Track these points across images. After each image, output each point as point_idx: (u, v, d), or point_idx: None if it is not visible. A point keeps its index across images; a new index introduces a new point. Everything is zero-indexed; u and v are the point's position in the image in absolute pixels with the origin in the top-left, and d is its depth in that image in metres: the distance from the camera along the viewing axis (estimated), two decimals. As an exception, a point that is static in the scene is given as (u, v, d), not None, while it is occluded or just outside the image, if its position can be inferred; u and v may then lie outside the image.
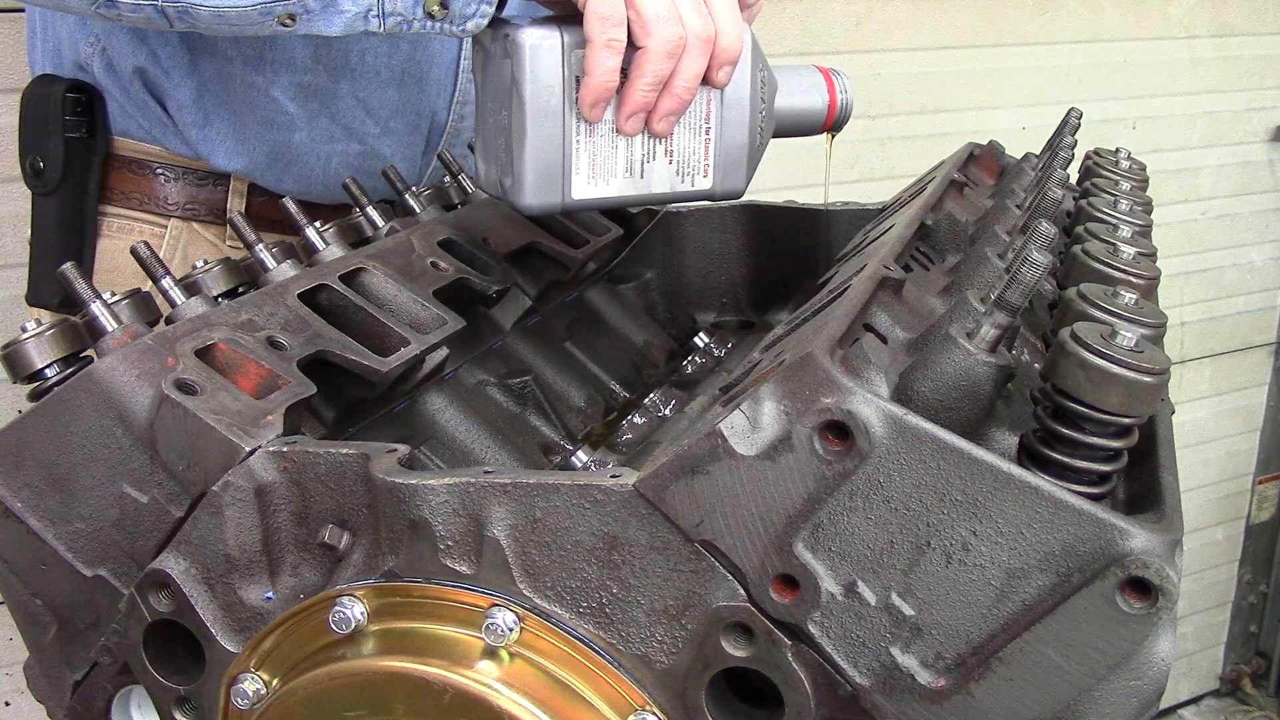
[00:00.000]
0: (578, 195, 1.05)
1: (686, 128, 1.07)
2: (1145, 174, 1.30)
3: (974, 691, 0.68)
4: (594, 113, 1.01)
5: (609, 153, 1.05)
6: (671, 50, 0.99)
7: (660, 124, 1.04)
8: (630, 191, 1.08)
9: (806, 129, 1.20)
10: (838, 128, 1.22)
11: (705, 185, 1.11)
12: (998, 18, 3.06)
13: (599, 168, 1.05)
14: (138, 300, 0.93)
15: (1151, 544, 0.63)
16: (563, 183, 1.04)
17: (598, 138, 1.04)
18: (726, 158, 1.10)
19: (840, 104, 1.20)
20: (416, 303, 1.05)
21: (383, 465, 0.78)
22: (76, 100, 1.34)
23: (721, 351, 1.41)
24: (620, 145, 1.05)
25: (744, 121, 1.09)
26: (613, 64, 0.99)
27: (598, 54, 0.98)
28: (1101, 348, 0.68)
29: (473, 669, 0.75)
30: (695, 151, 1.09)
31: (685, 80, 1.02)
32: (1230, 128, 3.57)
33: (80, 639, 0.90)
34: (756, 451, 0.69)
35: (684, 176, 1.09)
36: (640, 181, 1.07)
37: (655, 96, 1.02)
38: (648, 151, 1.07)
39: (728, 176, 1.11)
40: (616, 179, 1.06)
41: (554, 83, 1.00)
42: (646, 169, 1.07)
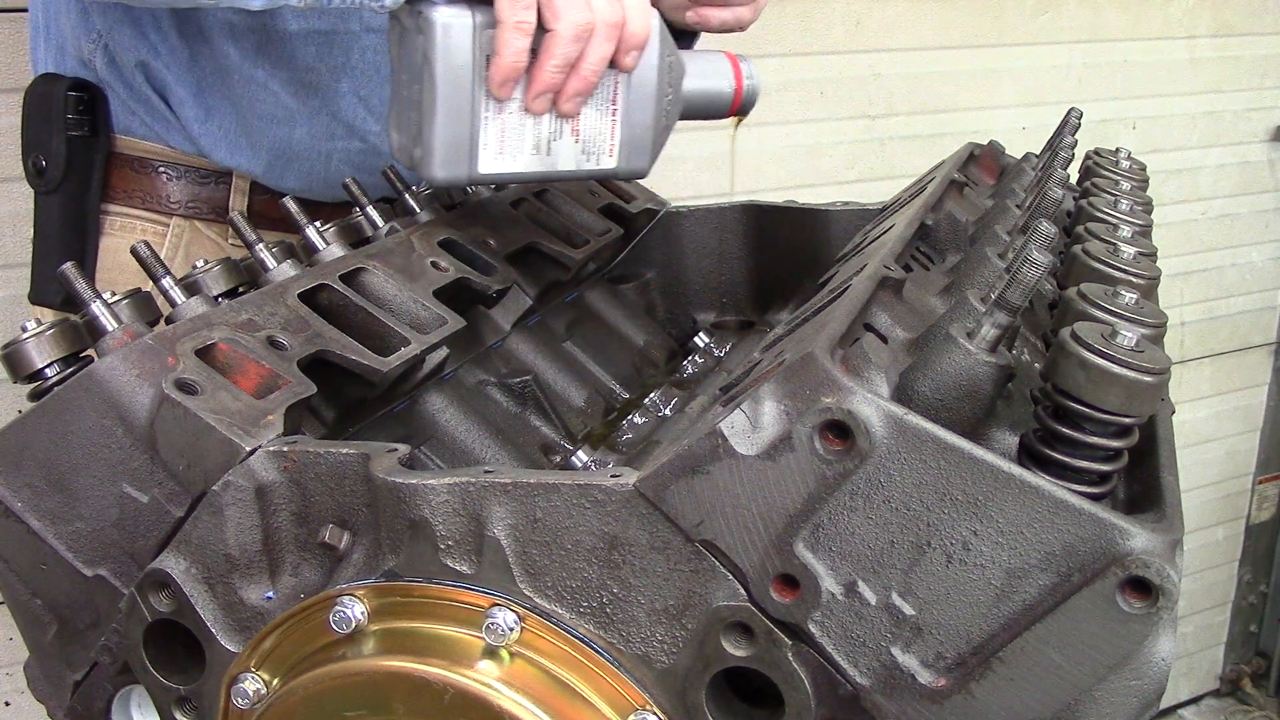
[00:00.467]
0: (485, 169, 1.08)
1: (594, 109, 1.10)
2: (1145, 174, 1.30)
3: (974, 691, 0.68)
4: (502, 91, 1.04)
5: (517, 130, 1.08)
6: (579, 34, 1.02)
7: (567, 104, 1.07)
8: (537, 168, 1.11)
9: (713, 112, 1.23)
10: (744, 112, 1.25)
11: (610, 164, 1.14)
12: (998, 18, 3.06)
13: (507, 144, 1.08)
14: (138, 300, 0.93)
15: (1152, 544, 0.63)
16: (470, 156, 1.06)
17: (506, 115, 1.07)
18: (632, 138, 1.13)
19: (746, 89, 1.23)
20: (416, 303, 1.05)
21: (383, 465, 0.78)
22: (79, 99, 1.34)
23: (721, 351, 1.41)
24: (529, 123, 1.08)
25: (649, 104, 1.13)
26: (521, 45, 1.02)
27: (506, 34, 1.01)
28: (1102, 347, 0.68)
29: (473, 669, 0.75)
30: (602, 132, 1.12)
31: (592, 63, 1.05)
32: (1230, 128, 3.57)
33: (80, 639, 0.90)
34: (757, 451, 0.69)
35: (590, 155, 1.12)
36: (547, 159, 1.10)
37: (563, 78, 1.05)
38: (555, 130, 1.09)
39: (632, 156, 1.14)
40: (524, 155, 1.09)
41: (464, 60, 1.03)
42: (554, 147, 1.10)
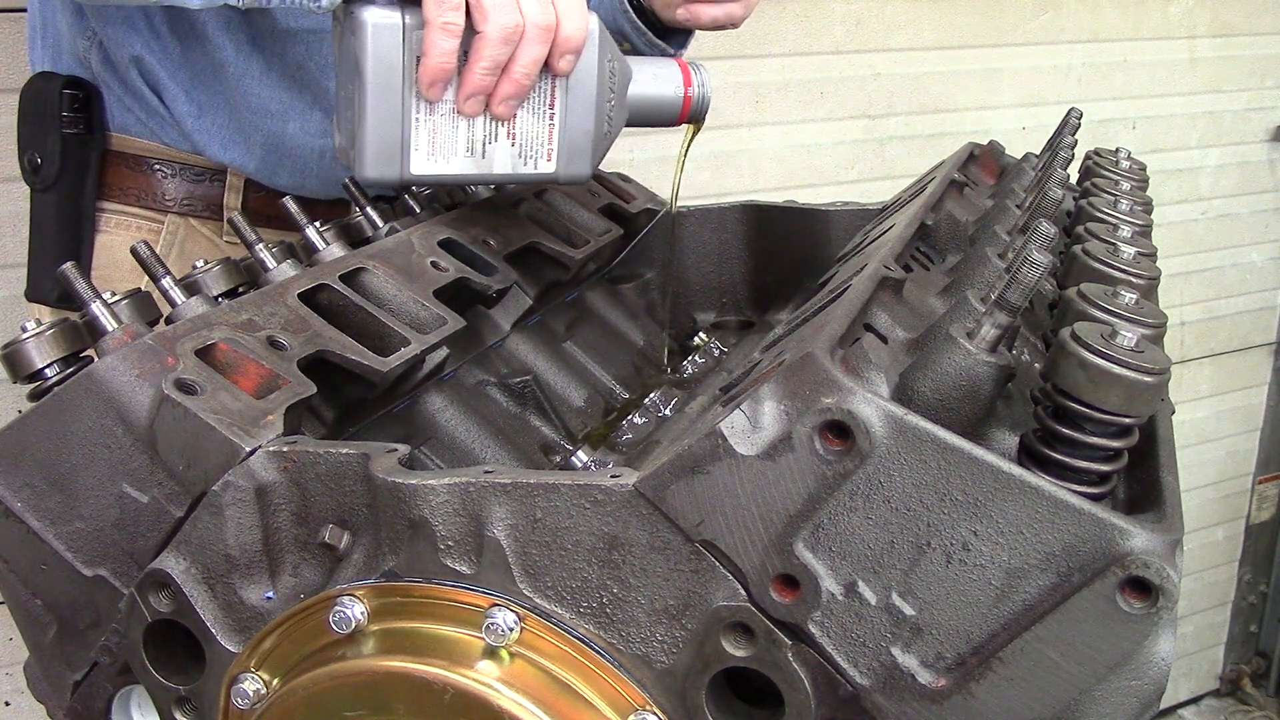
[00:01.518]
0: (416, 170, 1.08)
1: (530, 112, 1.10)
2: (1145, 174, 1.30)
3: (974, 691, 0.68)
4: (432, 92, 1.04)
5: (449, 132, 1.07)
6: (507, 36, 1.02)
7: (500, 107, 1.06)
8: (471, 170, 1.10)
9: (661, 119, 1.21)
10: (695, 120, 1.24)
11: (548, 169, 1.13)
12: (998, 18, 3.06)
13: (439, 146, 1.07)
14: (138, 300, 0.93)
15: (1152, 544, 0.63)
16: (402, 157, 1.06)
17: (438, 117, 1.06)
18: (571, 143, 1.12)
19: (696, 97, 1.21)
20: (416, 303, 1.04)
21: (383, 465, 0.78)
22: (74, 96, 1.34)
23: (722, 351, 1.41)
24: (461, 125, 1.08)
25: (589, 109, 1.11)
26: (448, 46, 1.01)
27: (434, 36, 1.01)
28: (1102, 348, 0.68)
29: (473, 669, 0.75)
30: (539, 135, 1.11)
31: (523, 66, 1.04)
32: (1230, 128, 3.57)
33: (80, 639, 0.90)
34: (757, 451, 0.69)
35: (527, 159, 1.11)
36: (482, 162, 1.10)
37: (493, 80, 1.04)
38: (490, 133, 1.09)
39: (572, 161, 1.13)
40: (457, 158, 1.09)
41: (394, 61, 1.03)
42: (488, 150, 1.09)
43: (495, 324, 1.22)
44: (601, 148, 1.15)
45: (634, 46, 1.50)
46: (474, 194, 1.32)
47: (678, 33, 1.47)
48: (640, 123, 1.20)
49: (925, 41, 2.96)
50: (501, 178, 1.13)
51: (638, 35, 1.47)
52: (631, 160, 2.59)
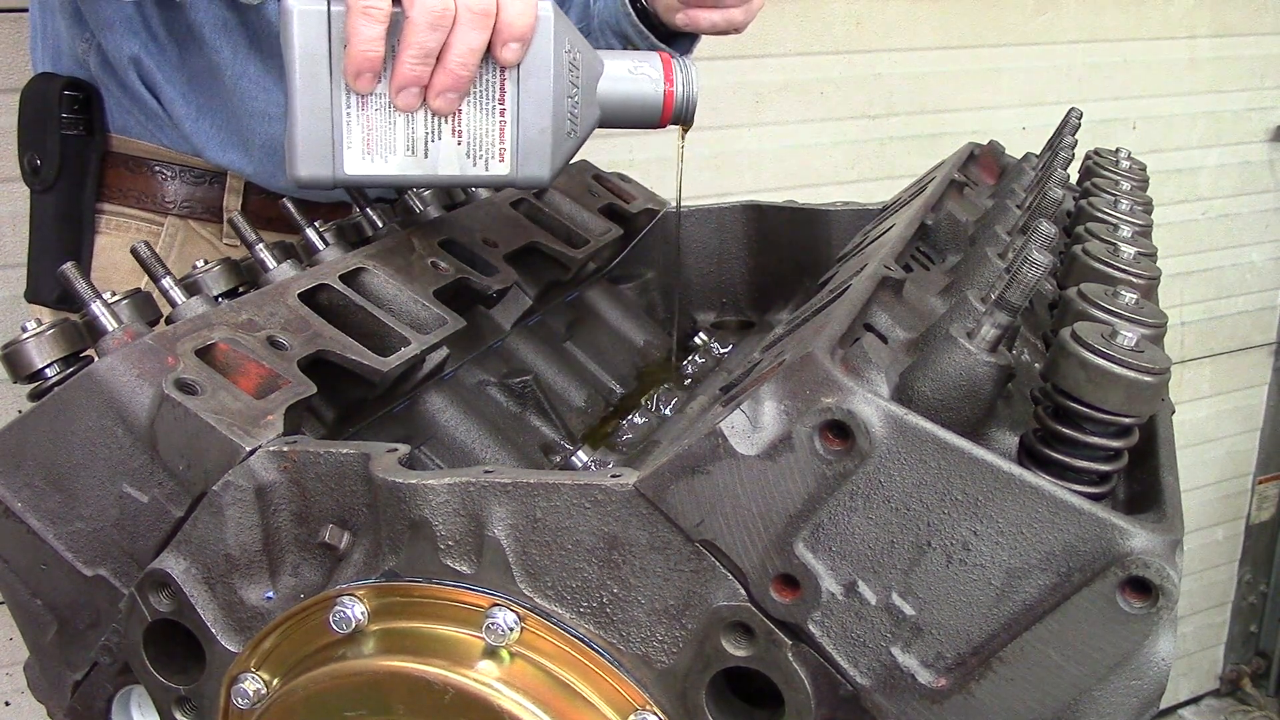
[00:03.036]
0: (350, 170, 1.00)
1: (477, 107, 1.01)
2: (1145, 174, 1.30)
3: (974, 691, 0.68)
4: (360, 84, 0.97)
5: (386, 128, 1.00)
6: (435, 21, 0.94)
7: (438, 101, 0.98)
8: (413, 171, 1.02)
9: (641, 120, 1.11)
10: (681, 121, 1.13)
11: (501, 170, 1.04)
12: (998, 18, 3.06)
13: (375, 143, 1.00)
14: (138, 300, 0.93)
15: (1152, 544, 0.63)
16: (334, 156, 0.99)
17: (372, 111, 0.99)
18: (525, 143, 1.03)
19: (679, 95, 1.11)
20: (416, 303, 1.05)
21: (383, 465, 0.78)
22: (74, 98, 1.34)
23: (721, 351, 1.41)
24: (399, 121, 1.00)
25: (544, 104, 1.02)
26: (371, 33, 0.94)
27: (355, 21, 0.94)
28: (1102, 347, 0.68)
29: (473, 669, 0.75)
30: (489, 133, 1.02)
31: (459, 55, 0.96)
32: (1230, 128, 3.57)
33: (80, 639, 0.90)
34: (757, 451, 0.69)
35: (476, 159, 1.03)
36: (424, 161, 1.02)
37: (426, 71, 0.97)
38: (432, 130, 1.01)
39: (527, 163, 1.04)
40: (396, 156, 1.01)
41: (320, 50, 0.96)
42: (431, 148, 1.02)
43: (495, 324, 1.22)
44: (564, 149, 1.06)
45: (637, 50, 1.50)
46: (474, 194, 1.32)
47: (681, 37, 1.47)
48: (617, 123, 1.11)
49: (925, 41, 2.97)
50: (448, 179, 1.04)
51: (640, 39, 1.47)
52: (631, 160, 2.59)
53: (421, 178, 1.03)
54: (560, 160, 1.06)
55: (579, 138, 1.07)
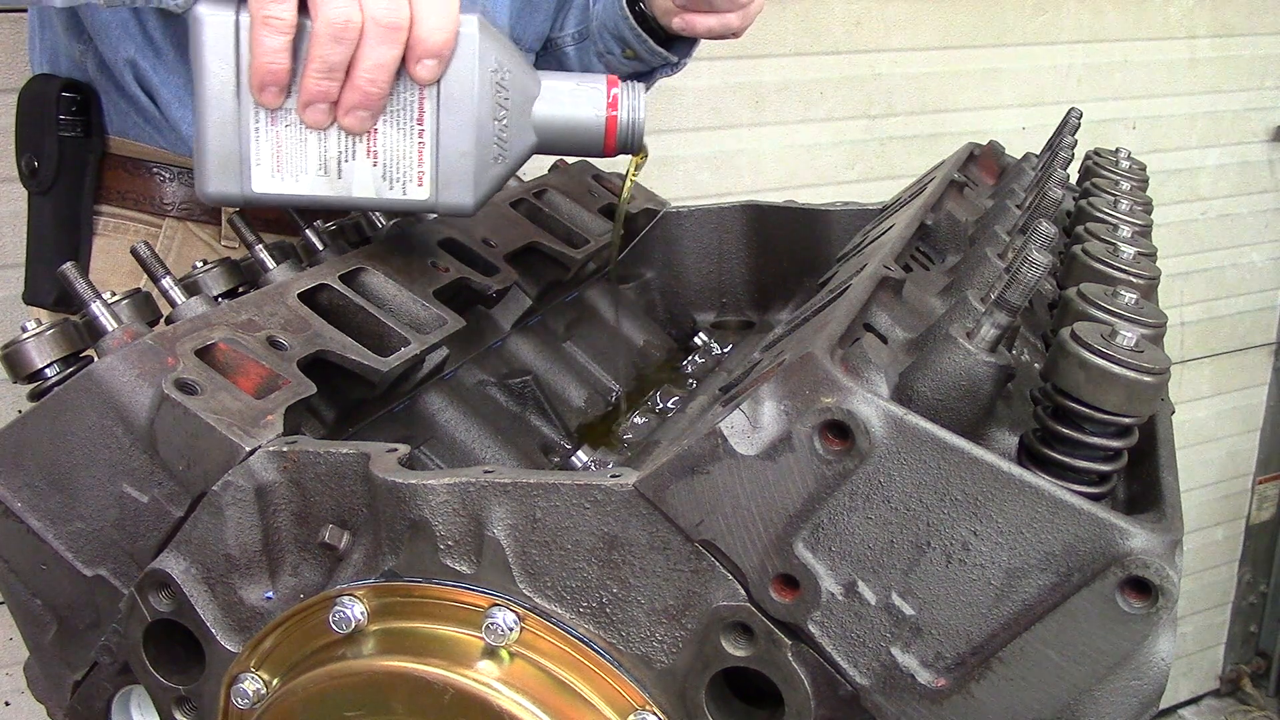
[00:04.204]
0: (259, 189, 0.96)
1: (394, 127, 0.96)
2: (1145, 174, 1.30)
3: (974, 691, 0.68)
4: (265, 98, 0.93)
5: (297, 146, 0.95)
6: (338, 34, 0.90)
7: (348, 118, 0.94)
8: (326, 192, 0.97)
9: (582, 147, 1.04)
10: (628, 149, 1.05)
11: (420, 195, 0.98)
12: (998, 18, 3.06)
13: (285, 161, 0.96)
14: (138, 300, 0.93)
15: (1151, 544, 0.63)
16: (242, 172, 0.95)
17: (282, 128, 0.95)
18: (446, 167, 0.98)
19: (624, 121, 1.02)
20: (416, 303, 1.04)
21: (383, 465, 0.78)
22: (71, 99, 1.34)
23: (721, 351, 1.41)
24: (311, 139, 0.95)
25: (467, 127, 0.97)
26: (274, 44, 0.90)
27: (257, 32, 0.90)
28: (1101, 348, 0.68)
29: (473, 669, 0.75)
30: (406, 155, 0.97)
31: (367, 71, 0.91)
32: (1230, 128, 3.57)
33: (80, 639, 0.90)
34: (757, 451, 0.69)
35: (393, 182, 0.98)
36: (338, 182, 0.97)
37: (333, 86, 0.92)
38: (345, 149, 0.96)
39: (449, 188, 0.98)
40: (308, 176, 0.96)
41: (227, 62, 0.92)
42: (345, 169, 0.97)
43: (495, 324, 1.22)
44: (490, 175, 0.99)
45: (636, 53, 1.50)
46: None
47: (680, 41, 1.47)
48: (557, 149, 1.04)
49: (925, 41, 2.97)
50: (363, 203, 0.99)
51: (639, 43, 1.47)
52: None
53: (334, 199, 0.99)
54: (486, 187, 1.00)
55: (509, 164, 1.01)
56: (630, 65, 1.53)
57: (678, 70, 1.56)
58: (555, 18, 1.56)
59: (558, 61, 1.60)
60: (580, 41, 1.56)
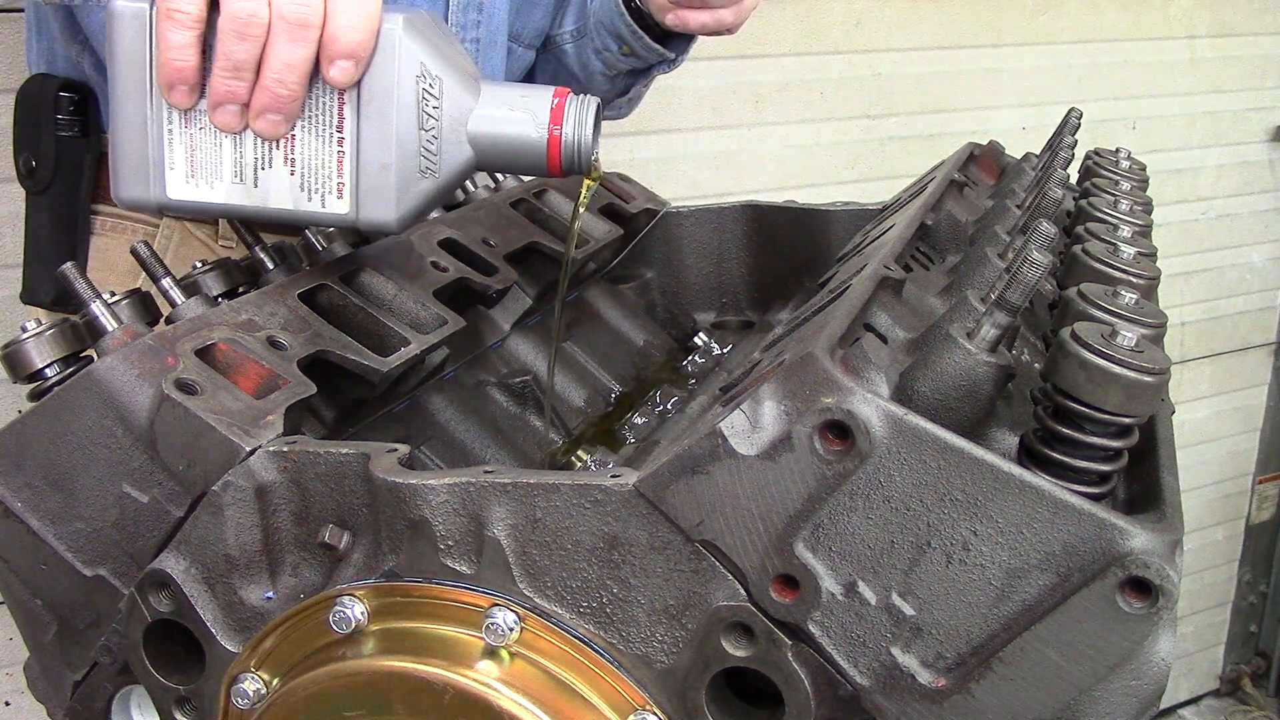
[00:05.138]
0: (174, 195, 0.92)
1: (312, 134, 0.90)
2: (1145, 174, 1.30)
3: (974, 691, 0.68)
4: (175, 98, 0.87)
5: (212, 151, 0.90)
6: (241, 29, 0.84)
7: (259, 123, 0.88)
8: (242, 201, 0.92)
9: (524, 164, 0.95)
10: (573, 170, 0.95)
11: (340, 209, 0.92)
12: (998, 18, 3.07)
13: (200, 166, 0.91)
14: (138, 300, 0.93)
15: (1151, 544, 0.63)
16: (157, 177, 0.91)
17: (196, 130, 0.90)
18: (368, 179, 0.91)
19: (568, 139, 0.93)
20: (416, 303, 1.04)
21: (383, 465, 0.78)
22: (69, 99, 1.34)
23: (721, 351, 1.41)
24: (226, 144, 0.90)
25: (388, 137, 0.90)
26: (179, 39, 0.85)
27: (162, 26, 0.85)
28: (1102, 347, 0.68)
29: (473, 669, 0.75)
30: (325, 165, 0.91)
31: (275, 72, 0.86)
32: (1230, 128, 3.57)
33: (80, 639, 0.90)
34: (757, 451, 0.69)
35: (311, 194, 0.92)
36: (254, 191, 0.92)
37: (241, 86, 0.86)
38: (262, 156, 0.91)
39: (368, 202, 0.91)
40: (223, 183, 0.92)
41: (141, 58, 0.87)
42: (262, 177, 0.91)
43: (495, 324, 1.22)
44: (416, 191, 0.92)
45: (633, 50, 1.50)
46: (474, 194, 1.32)
47: (677, 37, 1.47)
48: (499, 166, 0.97)
49: (925, 41, 2.97)
50: (280, 214, 0.93)
51: (635, 39, 1.47)
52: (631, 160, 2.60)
53: (251, 209, 0.93)
54: (413, 204, 0.93)
55: (441, 181, 0.93)
56: (628, 62, 1.53)
57: (675, 67, 1.56)
58: (554, 15, 1.56)
59: (556, 59, 1.60)
60: (578, 39, 1.56)
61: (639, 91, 1.66)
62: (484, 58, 1.46)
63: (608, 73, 1.56)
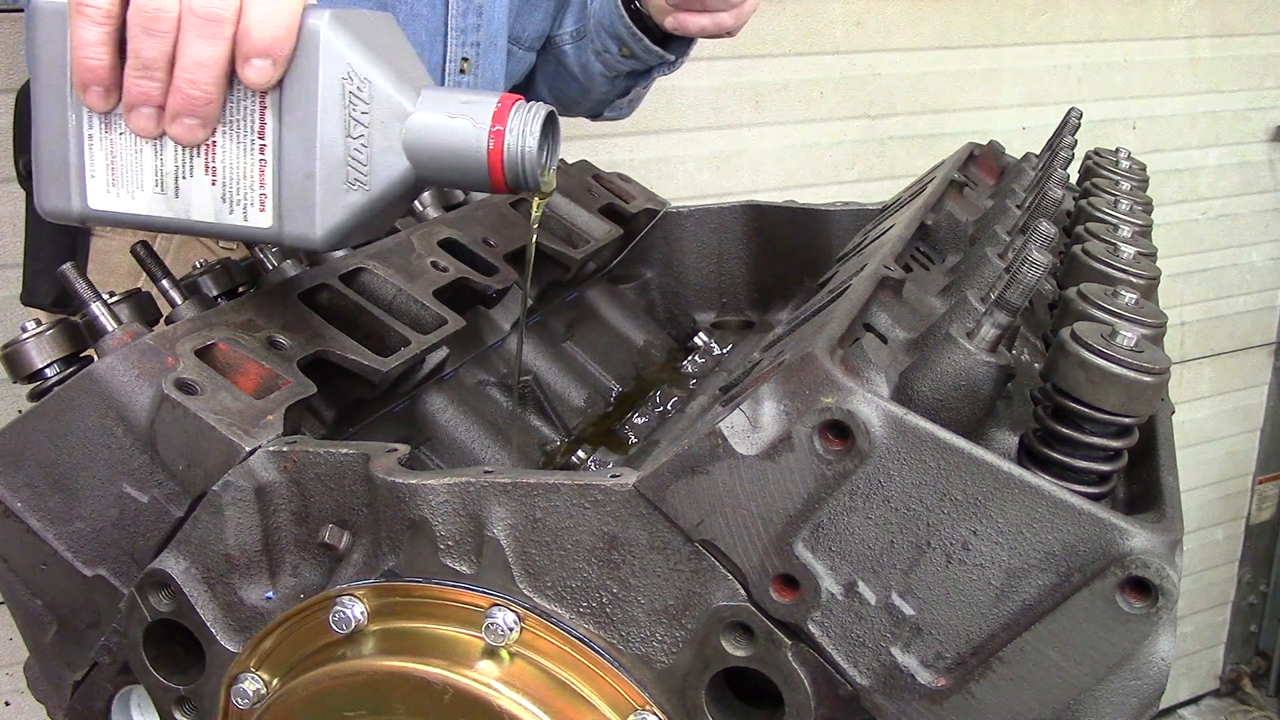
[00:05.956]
0: (95, 204, 0.86)
1: (234, 141, 0.83)
2: (1145, 174, 1.30)
3: (974, 691, 0.68)
4: (90, 99, 0.82)
5: (133, 158, 0.85)
6: (148, 24, 0.78)
7: (174, 127, 0.82)
8: (163, 212, 0.86)
9: (465, 178, 0.85)
10: (518, 185, 0.85)
11: (262, 222, 0.85)
12: (998, 18, 3.07)
13: (120, 174, 0.85)
14: (138, 300, 0.93)
15: (1151, 544, 0.63)
16: (79, 185, 0.85)
17: (117, 135, 0.84)
18: (290, 191, 0.83)
19: (510, 149, 0.83)
20: (416, 303, 1.04)
21: (383, 465, 0.78)
22: None
23: (721, 351, 1.41)
24: (147, 150, 0.84)
25: (312, 145, 0.82)
26: (90, 36, 0.79)
27: (75, 22, 0.79)
28: (1101, 347, 0.68)
29: (473, 669, 0.75)
30: (247, 175, 0.84)
31: (185, 70, 0.79)
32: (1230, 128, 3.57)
33: (80, 639, 0.90)
34: (756, 451, 0.69)
35: (233, 205, 0.85)
36: (176, 202, 0.85)
37: (153, 87, 0.81)
38: (183, 164, 0.84)
39: (292, 216, 0.84)
40: (144, 193, 0.85)
41: (60, 59, 0.82)
42: (183, 186, 0.85)
43: (495, 324, 1.22)
44: (345, 204, 0.83)
45: (633, 52, 1.50)
46: (472, 194, 1.32)
47: (677, 39, 1.47)
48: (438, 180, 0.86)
49: (925, 41, 2.97)
50: (202, 227, 0.86)
51: (635, 41, 1.47)
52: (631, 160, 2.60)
53: (173, 221, 0.86)
54: (339, 219, 0.84)
55: (373, 194, 0.84)
56: (628, 64, 1.53)
57: (675, 69, 1.56)
58: (554, 17, 1.56)
59: (556, 60, 1.61)
60: (578, 40, 1.56)
61: (639, 93, 1.66)
62: (484, 60, 1.46)
63: (608, 74, 1.56)
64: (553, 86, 1.65)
